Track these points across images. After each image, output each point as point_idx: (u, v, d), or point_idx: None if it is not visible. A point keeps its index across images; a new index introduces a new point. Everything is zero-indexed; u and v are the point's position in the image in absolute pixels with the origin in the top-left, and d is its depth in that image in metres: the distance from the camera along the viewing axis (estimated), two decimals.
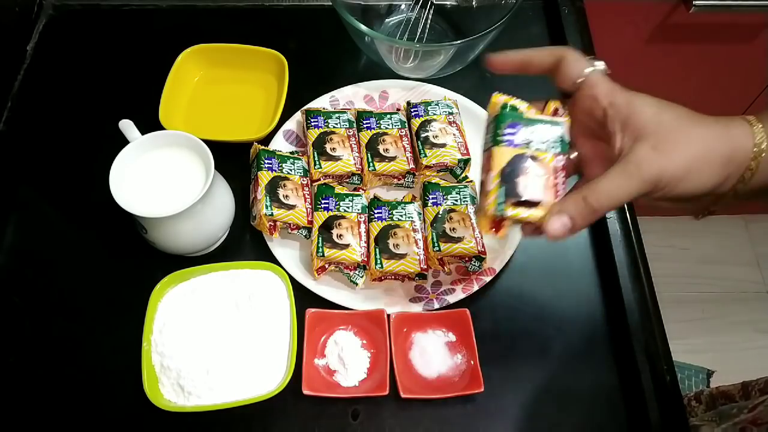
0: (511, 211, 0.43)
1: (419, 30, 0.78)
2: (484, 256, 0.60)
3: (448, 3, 0.79)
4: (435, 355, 0.57)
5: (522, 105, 0.46)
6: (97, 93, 0.75)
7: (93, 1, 0.82)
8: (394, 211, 0.62)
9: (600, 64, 0.45)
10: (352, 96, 0.72)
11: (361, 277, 0.60)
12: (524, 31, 0.81)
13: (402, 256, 0.60)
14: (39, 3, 0.81)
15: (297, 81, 0.72)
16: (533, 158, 0.44)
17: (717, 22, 1.02)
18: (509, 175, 0.44)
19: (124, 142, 0.60)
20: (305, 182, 0.64)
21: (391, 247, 0.60)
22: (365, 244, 0.61)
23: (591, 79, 0.44)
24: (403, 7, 0.80)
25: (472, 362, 0.56)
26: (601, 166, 0.43)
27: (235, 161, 0.66)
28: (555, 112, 0.46)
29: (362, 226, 0.62)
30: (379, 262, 0.59)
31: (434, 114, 0.67)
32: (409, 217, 0.62)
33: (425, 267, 0.60)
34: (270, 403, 0.53)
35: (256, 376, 0.55)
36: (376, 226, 0.62)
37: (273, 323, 0.57)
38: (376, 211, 0.63)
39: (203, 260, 0.61)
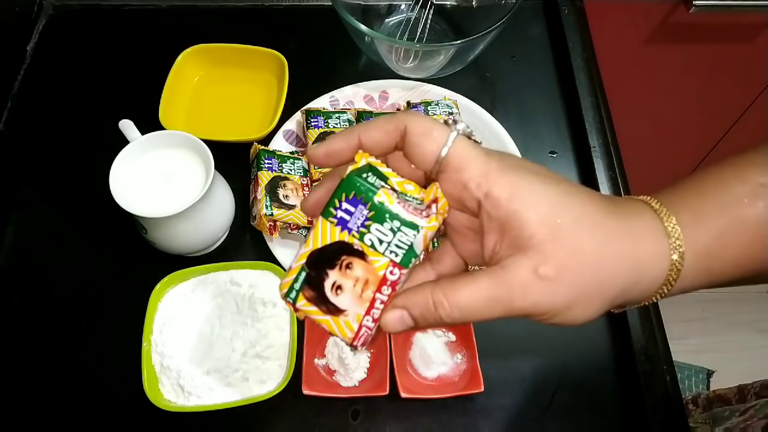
0: (302, 304, 0.33)
1: (419, 30, 0.78)
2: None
3: (448, 3, 0.79)
4: (435, 355, 0.57)
5: (392, 177, 0.32)
6: (97, 93, 0.75)
7: (93, 1, 0.82)
8: None
9: (461, 126, 0.31)
10: (352, 96, 0.72)
11: None
12: (524, 31, 0.81)
13: None
14: (39, 3, 0.81)
15: (297, 81, 0.72)
16: (360, 255, 0.31)
17: (717, 22, 1.02)
18: (320, 262, 0.32)
19: (124, 142, 0.60)
20: (305, 182, 0.64)
21: None
22: None
23: (455, 158, 0.30)
24: (403, 7, 0.80)
25: (472, 362, 0.56)
26: (472, 241, 0.33)
27: (235, 161, 0.66)
28: (433, 203, 0.31)
29: None
30: None
31: (434, 114, 0.67)
32: None
33: None
34: (270, 403, 0.53)
35: (256, 376, 0.55)
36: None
37: (273, 323, 0.57)
38: None
39: (203, 260, 0.61)
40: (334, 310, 0.32)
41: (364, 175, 0.31)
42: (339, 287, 0.32)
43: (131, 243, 0.62)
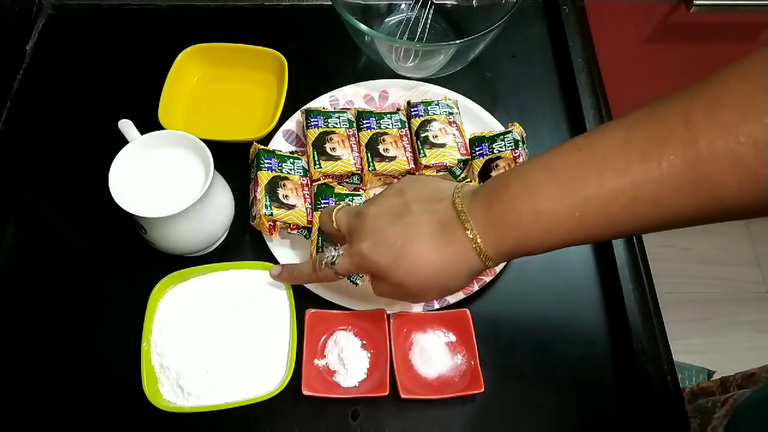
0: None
1: (419, 30, 0.78)
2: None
3: (448, 3, 0.79)
4: (435, 355, 0.57)
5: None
6: (96, 93, 0.75)
7: (92, 1, 0.82)
8: None
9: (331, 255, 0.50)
10: (352, 96, 0.72)
11: (361, 276, 0.60)
12: (524, 30, 0.81)
13: None
14: (38, 3, 0.81)
15: (297, 81, 0.72)
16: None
17: (717, 22, 1.02)
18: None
19: (123, 141, 0.60)
20: (305, 182, 0.64)
21: None
22: None
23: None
24: (403, 6, 0.80)
25: (472, 362, 0.56)
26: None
27: (234, 161, 0.66)
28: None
29: None
30: None
31: (434, 114, 0.67)
32: None
33: None
34: (270, 403, 0.53)
35: (256, 376, 0.55)
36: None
37: (273, 323, 0.57)
38: None
39: (203, 260, 0.61)
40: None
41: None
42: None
43: (131, 243, 0.62)
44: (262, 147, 0.66)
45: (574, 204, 0.39)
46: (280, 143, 0.69)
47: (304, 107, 0.70)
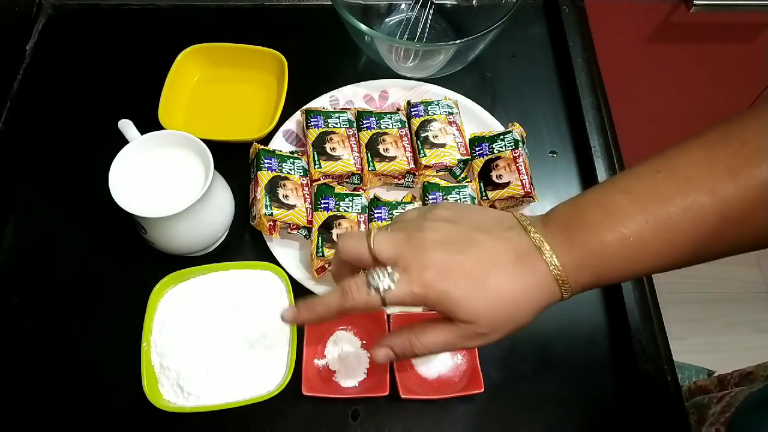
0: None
1: (419, 29, 0.78)
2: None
3: (448, 3, 0.79)
4: (435, 355, 0.57)
5: None
6: (96, 93, 0.75)
7: (92, 1, 0.82)
8: (394, 212, 0.62)
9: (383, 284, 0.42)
10: (352, 96, 0.72)
11: None
12: (524, 30, 0.81)
13: None
14: (38, 3, 0.81)
15: (297, 81, 0.72)
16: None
17: (717, 22, 1.02)
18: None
19: (123, 141, 0.60)
20: (305, 182, 0.64)
21: None
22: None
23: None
24: (403, 6, 0.80)
25: (472, 362, 0.56)
26: None
27: (234, 161, 0.66)
28: None
29: (362, 226, 0.62)
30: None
31: (434, 114, 0.67)
32: None
33: None
34: (270, 403, 0.53)
35: (256, 376, 0.55)
36: (376, 227, 0.62)
37: (273, 323, 0.57)
38: (376, 211, 0.63)
39: (203, 260, 0.61)
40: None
41: None
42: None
43: (131, 243, 0.62)
44: (262, 147, 0.66)
45: (661, 230, 0.37)
46: (280, 143, 0.69)
47: (304, 107, 0.70)
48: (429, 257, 0.40)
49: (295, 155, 0.66)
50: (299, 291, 0.59)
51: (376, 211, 0.63)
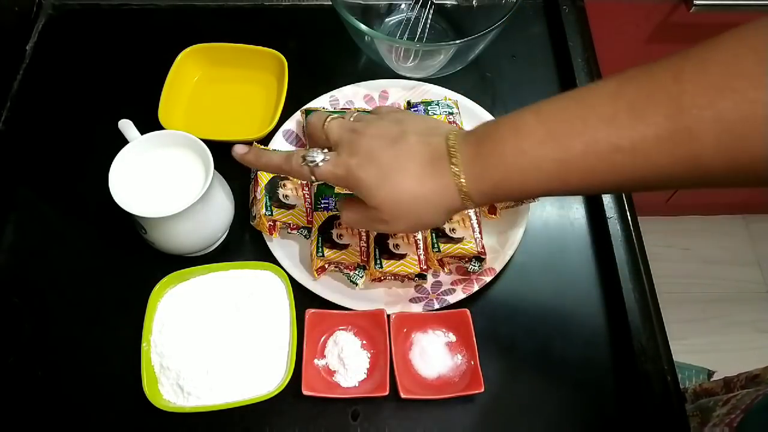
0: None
1: (419, 29, 0.78)
2: (483, 257, 0.60)
3: (448, 2, 0.79)
4: (435, 355, 0.57)
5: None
6: (96, 93, 0.75)
7: (92, 1, 0.82)
8: None
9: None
10: (352, 96, 0.72)
11: (361, 277, 0.60)
12: (524, 30, 0.81)
13: (402, 257, 0.59)
14: (38, 3, 0.81)
15: (297, 81, 0.72)
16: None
17: (717, 22, 1.01)
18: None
19: (123, 141, 0.60)
20: (305, 182, 0.64)
21: (390, 247, 0.60)
22: (365, 245, 0.61)
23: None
24: (403, 6, 0.80)
25: (472, 362, 0.56)
26: None
27: (234, 161, 0.66)
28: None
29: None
30: (378, 262, 0.59)
31: (434, 114, 0.67)
32: None
33: (425, 267, 0.60)
34: (270, 403, 0.53)
35: (256, 376, 0.55)
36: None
37: (273, 323, 0.57)
38: None
39: (203, 260, 0.61)
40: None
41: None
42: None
43: (131, 243, 0.62)
44: (262, 147, 0.66)
45: (556, 148, 0.40)
46: (280, 143, 0.69)
47: (304, 107, 0.70)
48: (359, 146, 0.46)
49: None
50: (299, 291, 0.59)
51: None
